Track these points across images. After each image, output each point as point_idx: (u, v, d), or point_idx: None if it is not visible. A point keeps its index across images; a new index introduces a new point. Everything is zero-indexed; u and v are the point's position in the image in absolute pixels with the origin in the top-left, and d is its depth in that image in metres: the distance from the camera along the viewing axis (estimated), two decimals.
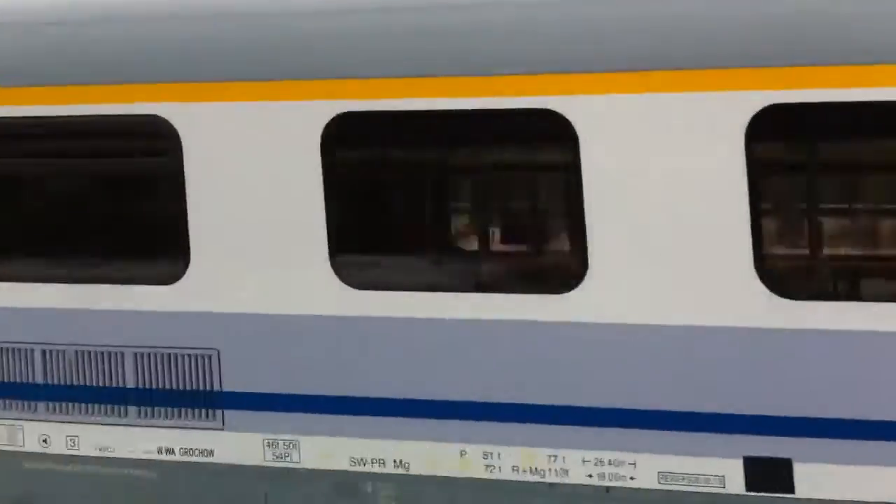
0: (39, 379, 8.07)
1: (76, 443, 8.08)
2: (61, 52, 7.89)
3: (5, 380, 8.14)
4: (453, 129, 7.31)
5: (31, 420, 8.13)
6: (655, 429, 7.08)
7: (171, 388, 7.83)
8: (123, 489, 7.97)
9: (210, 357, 7.73)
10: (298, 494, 7.67)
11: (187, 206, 7.68)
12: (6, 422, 8.19)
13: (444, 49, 7.27)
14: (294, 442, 7.69)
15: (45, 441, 8.14)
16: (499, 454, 7.38)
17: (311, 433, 7.64)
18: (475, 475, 7.41)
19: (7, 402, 8.16)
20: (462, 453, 7.43)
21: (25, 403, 8.13)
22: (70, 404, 8.05)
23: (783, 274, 6.89)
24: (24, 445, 8.18)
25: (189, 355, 7.77)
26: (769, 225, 6.91)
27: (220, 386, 7.75)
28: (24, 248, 8.18)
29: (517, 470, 7.36)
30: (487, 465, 7.40)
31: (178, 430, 7.87)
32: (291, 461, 7.70)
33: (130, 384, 7.91)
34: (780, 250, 7.00)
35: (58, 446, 8.11)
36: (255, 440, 7.75)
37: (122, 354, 7.89)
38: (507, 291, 7.28)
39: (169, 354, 7.81)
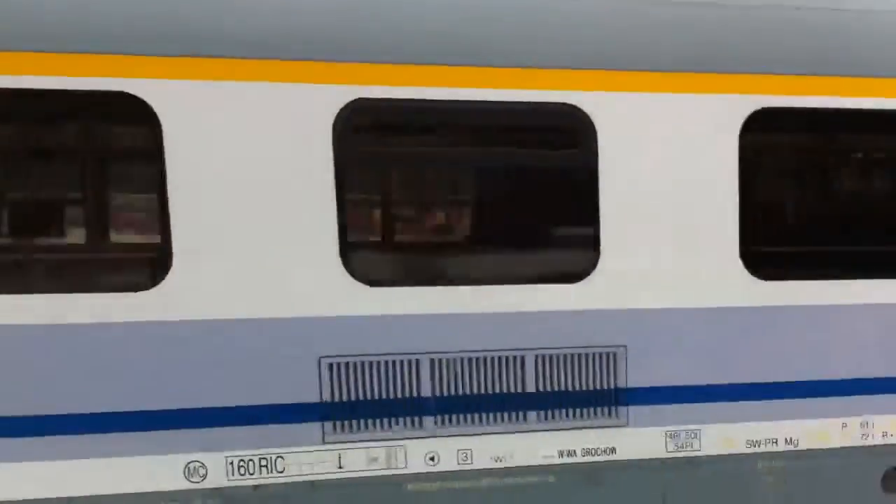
0: (427, 392, 7.44)
1: (469, 456, 7.55)
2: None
3: (385, 397, 7.39)
4: (856, 126, 7.90)
5: (417, 438, 7.47)
6: None
7: (576, 389, 7.65)
8: (520, 497, 7.63)
9: (615, 354, 7.68)
10: (696, 480, 7.89)
11: (599, 200, 7.60)
12: (385, 444, 7.44)
13: (837, 49, 7.89)
14: (695, 431, 7.88)
15: (431, 459, 7.51)
16: (873, 423, 8.17)
17: (712, 421, 7.89)
18: (852, 444, 8.15)
19: (388, 421, 7.42)
20: (843, 426, 8.12)
21: (410, 420, 7.46)
22: (463, 416, 7.53)
23: None
24: (406, 467, 7.48)
25: (596, 354, 7.65)
26: None
27: (626, 382, 7.72)
28: (418, 251, 7.52)
29: (887, 435, 8.20)
30: (863, 434, 8.16)
31: (580, 431, 7.70)
32: (692, 450, 7.88)
33: (531, 388, 7.59)
34: None
35: (448, 463, 7.53)
36: (658, 434, 7.83)
37: (523, 358, 7.55)
38: None
39: (573, 354, 7.62)
